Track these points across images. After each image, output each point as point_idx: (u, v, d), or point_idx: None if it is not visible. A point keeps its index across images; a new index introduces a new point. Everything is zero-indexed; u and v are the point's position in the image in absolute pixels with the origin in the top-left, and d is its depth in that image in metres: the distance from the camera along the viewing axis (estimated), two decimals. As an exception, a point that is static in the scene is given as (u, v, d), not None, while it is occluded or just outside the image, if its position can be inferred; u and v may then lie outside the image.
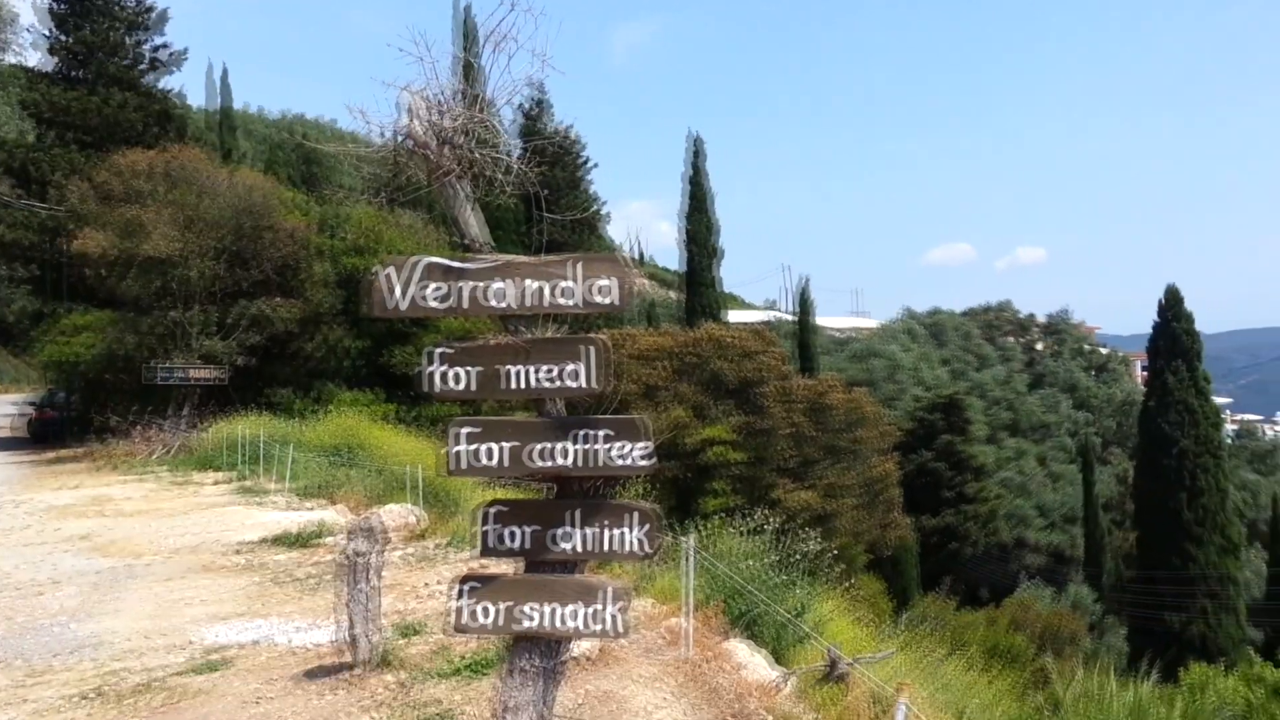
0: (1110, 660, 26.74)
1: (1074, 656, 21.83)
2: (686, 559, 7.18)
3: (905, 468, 37.14)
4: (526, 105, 43.98)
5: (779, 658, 8.18)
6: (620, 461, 3.62)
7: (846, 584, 11.18)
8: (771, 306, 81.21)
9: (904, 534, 30.63)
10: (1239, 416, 72.70)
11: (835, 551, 9.58)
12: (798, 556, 8.96)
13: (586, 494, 3.76)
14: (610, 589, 3.68)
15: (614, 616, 3.65)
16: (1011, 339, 67.44)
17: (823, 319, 71.93)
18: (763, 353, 28.76)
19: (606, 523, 3.68)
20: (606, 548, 3.68)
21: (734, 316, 55.13)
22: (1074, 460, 46.40)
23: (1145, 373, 36.06)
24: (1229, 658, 20.98)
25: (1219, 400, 59.86)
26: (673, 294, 70.08)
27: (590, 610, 3.65)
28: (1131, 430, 38.58)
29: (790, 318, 55.34)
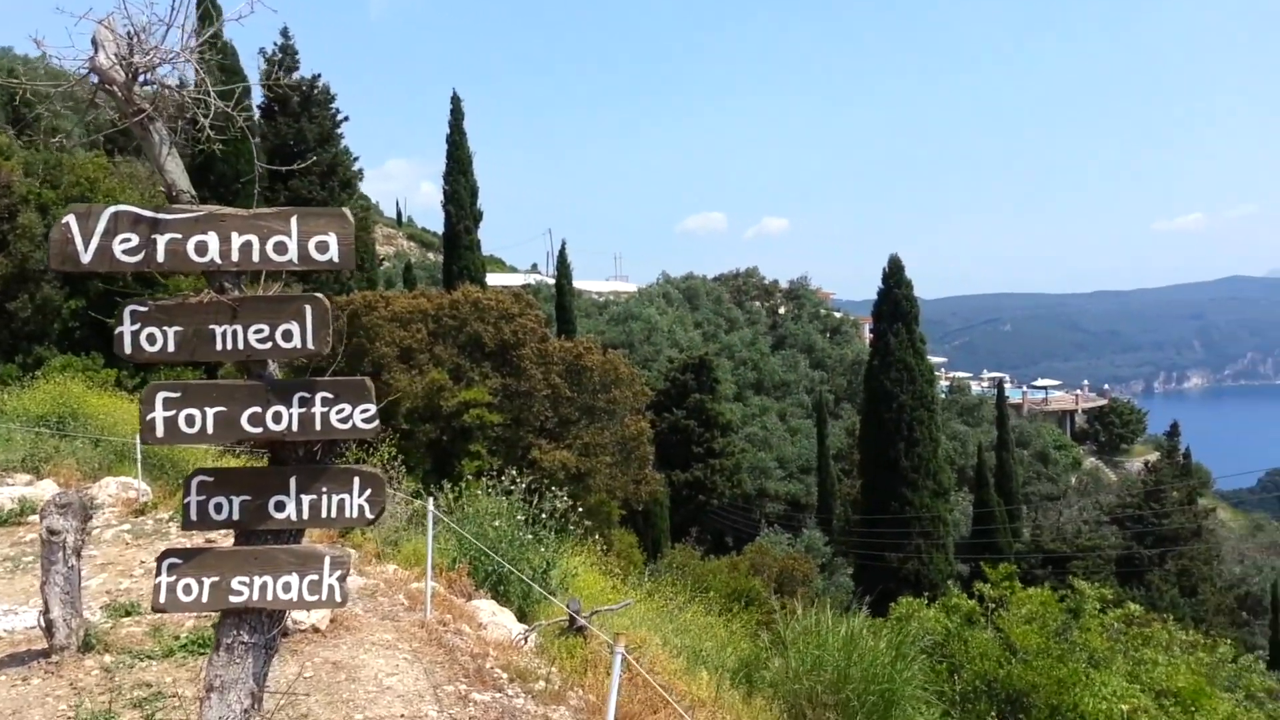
0: (834, 597, 29.10)
1: (805, 596, 23.56)
2: (428, 522, 7.08)
3: (659, 425, 38.43)
4: (270, 52, 41.27)
5: (525, 615, 8.27)
6: (341, 425, 3.48)
7: (595, 538, 11.45)
8: (534, 270, 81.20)
9: (655, 489, 31.72)
10: (951, 374, 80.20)
11: (582, 509, 9.76)
12: (545, 515, 9.07)
13: (305, 460, 3.59)
14: (329, 557, 3.55)
15: (333, 585, 3.53)
16: (758, 303, 71.22)
17: (584, 283, 72.81)
18: (521, 315, 28.72)
19: (327, 489, 3.54)
20: (327, 515, 3.54)
21: (496, 279, 54.79)
22: (810, 415, 49.72)
23: (872, 334, 39.05)
24: (937, 590, 23.36)
25: (934, 359, 65.85)
26: (431, 255, 68.56)
27: (307, 580, 3.51)
28: (860, 387, 41.78)
29: (552, 281, 55.59)
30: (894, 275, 33.41)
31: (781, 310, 71.01)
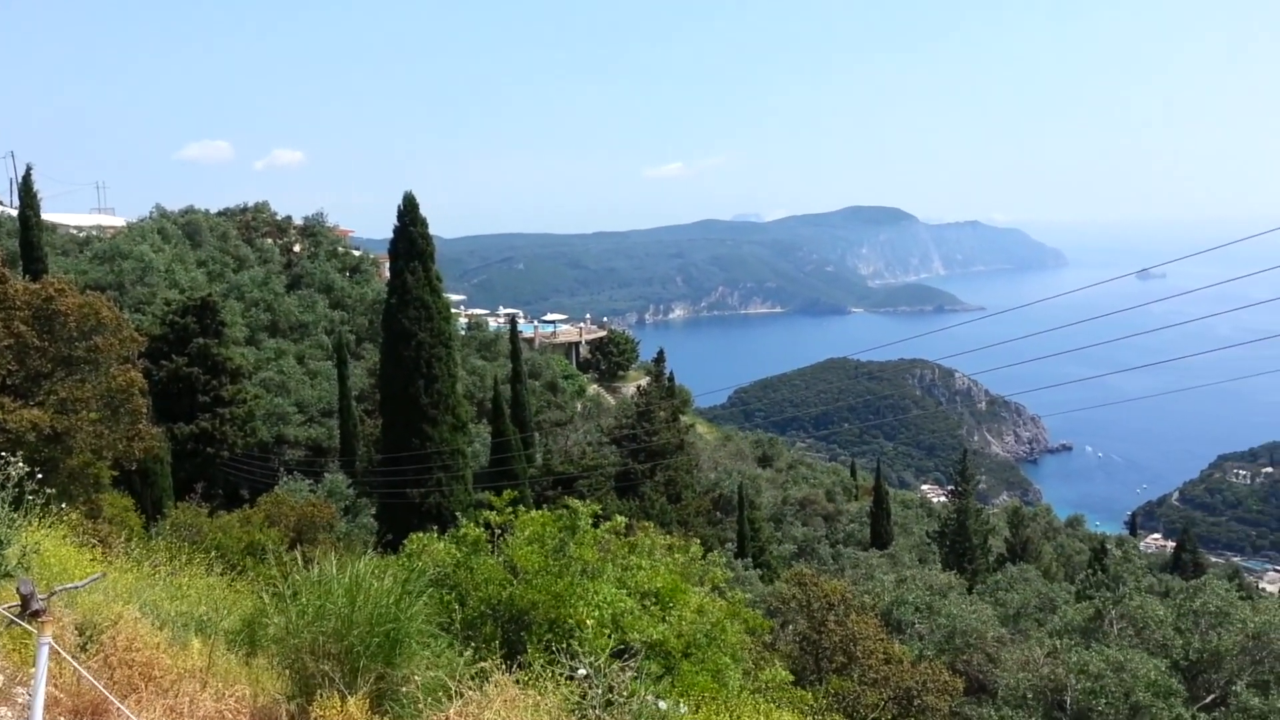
0: (358, 539, 28.88)
1: (328, 541, 23.02)
2: None
3: (156, 375, 34.92)
4: None
5: (-31, 606, 7.01)
6: None
7: (62, 506, 10.07)
8: (-11, 201, 68.45)
9: (153, 444, 28.83)
10: (470, 311, 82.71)
11: (35, 472, 8.47)
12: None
13: None
14: None
15: None
16: (270, 240, 67.19)
17: (60, 215, 63.23)
18: (-35, 250, 24.12)
19: None
20: None
21: (-67, 208, 45.61)
22: (331, 357, 48.36)
23: (390, 273, 38.68)
24: (458, 521, 24.09)
25: (454, 297, 67.31)
26: None
27: None
28: (381, 326, 41.34)
29: (15, 213, 47.49)
30: (409, 213, 33.20)
31: (297, 248, 67.70)
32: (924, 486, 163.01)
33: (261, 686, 6.34)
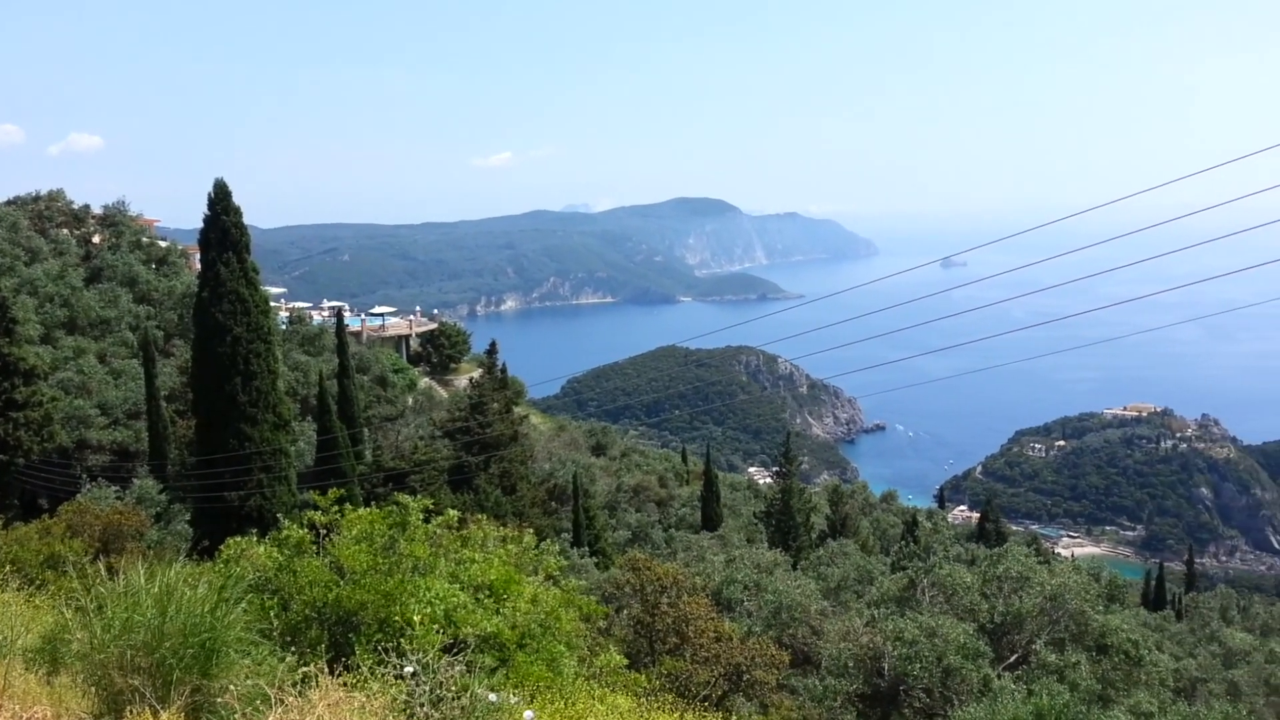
0: (171, 546, 27.35)
1: (137, 550, 21.71)
2: None
3: (-64, 378, 32.01)
4: None
5: None
6: None
7: None
8: None
9: (-65, 454, 26.42)
10: (292, 305, 79.29)
11: None
12: None
13: None
14: None
15: None
16: (66, 231, 62.38)
17: None
18: None
19: None
20: None
21: None
22: (136, 355, 45.47)
23: (201, 265, 36.63)
24: (280, 524, 23.11)
25: (274, 290, 64.52)
26: None
27: None
28: (192, 322, 39.10)
29: None
30: (221, 201, 31.43)
31: (96, 239, 63.04)
32: (751, 469, 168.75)
33: (65, 706, 5.96)
